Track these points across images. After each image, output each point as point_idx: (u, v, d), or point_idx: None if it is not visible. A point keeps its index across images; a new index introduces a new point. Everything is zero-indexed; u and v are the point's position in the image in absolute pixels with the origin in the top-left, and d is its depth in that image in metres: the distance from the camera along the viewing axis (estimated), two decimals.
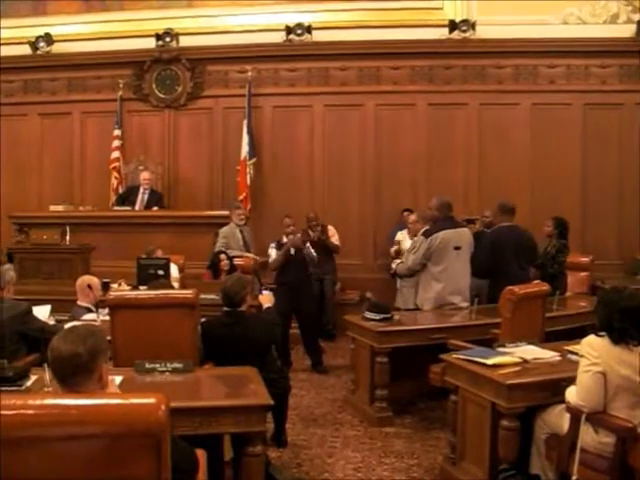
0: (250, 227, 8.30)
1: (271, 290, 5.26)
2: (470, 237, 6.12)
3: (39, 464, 1.86)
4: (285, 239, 6.98)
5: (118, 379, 3.14)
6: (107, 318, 4.29)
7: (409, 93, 9.24)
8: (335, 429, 5.08)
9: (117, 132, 9.50)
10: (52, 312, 5.10)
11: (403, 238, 7.88)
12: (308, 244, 7.06)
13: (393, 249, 7.94)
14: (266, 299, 4.74)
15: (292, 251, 6.86)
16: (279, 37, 9.29)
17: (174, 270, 6.72)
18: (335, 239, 8.40)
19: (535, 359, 3.84)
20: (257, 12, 9.42)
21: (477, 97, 9.16)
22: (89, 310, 5.05)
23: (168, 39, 9.42)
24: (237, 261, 7.20)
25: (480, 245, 6.30)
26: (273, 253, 6.98)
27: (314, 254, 7.08)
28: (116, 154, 9.44)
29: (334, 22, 9.24)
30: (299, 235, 7.03)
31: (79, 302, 5.13)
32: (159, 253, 7.01)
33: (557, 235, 7.04)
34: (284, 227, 7.10)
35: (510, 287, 4.76)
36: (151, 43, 9.46)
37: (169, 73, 9.63)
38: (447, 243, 5.84)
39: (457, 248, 5.88)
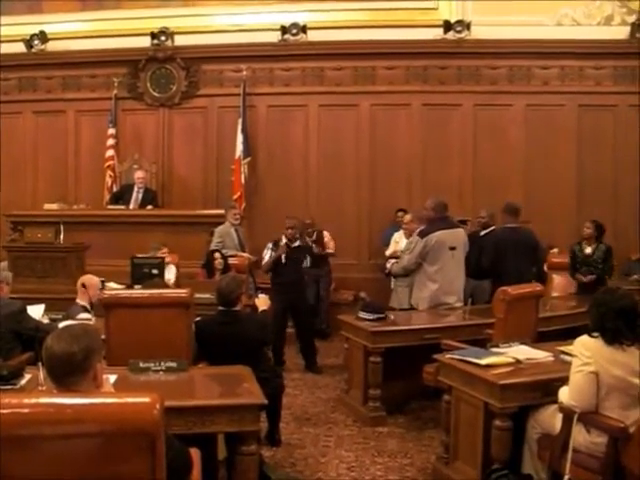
0: (244, 226, 8.29)
1: (263, 291, 5.26)
2: (465, 238, 6.15)
3: (34, 463, 1.86)
4: (284, 240, 6.84)
5: (112, 378, 3.13)
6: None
7: (404, 93, 9.24)
8: (328, 428, 5.09)
9: (111, 131, 9.49)
10: (46, 311, 5.10)
11: (400, 239, 7.85)
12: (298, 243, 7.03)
13: (388, 252, 7.95)
14: (262, 302, 4.76)
15: (283, 259, 6.76)
16: (274, 37, 9.28)
17: (171, 273, 6.73)
18: (331, 246, 8.38)
19: (528, 359, 3.86)
20: (252, 12, 9.41)
21: (472, 98, 9.17)
22: (85, 309, 5.04)
23: (163, 38, 9.41)
24: (231, 260, 7.20)
25: (476, 246, 6.32)
26: (267, 254, 6.91)
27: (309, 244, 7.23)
28: (110, 153, 9.43)
29: (329, 22, 9.24)
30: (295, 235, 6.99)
31: (78, 300, 5.12)
32: (164, 250, 7.01)
33: (596, 239, 6.86)
34: (285, 228, 6.90)
35: (503, 288, 4.79)
36: (146, 42, 9.45)
37: (164, 72, 9.61)
38: (443, 243, 5.85)
39: (452, 248, 5.90)
